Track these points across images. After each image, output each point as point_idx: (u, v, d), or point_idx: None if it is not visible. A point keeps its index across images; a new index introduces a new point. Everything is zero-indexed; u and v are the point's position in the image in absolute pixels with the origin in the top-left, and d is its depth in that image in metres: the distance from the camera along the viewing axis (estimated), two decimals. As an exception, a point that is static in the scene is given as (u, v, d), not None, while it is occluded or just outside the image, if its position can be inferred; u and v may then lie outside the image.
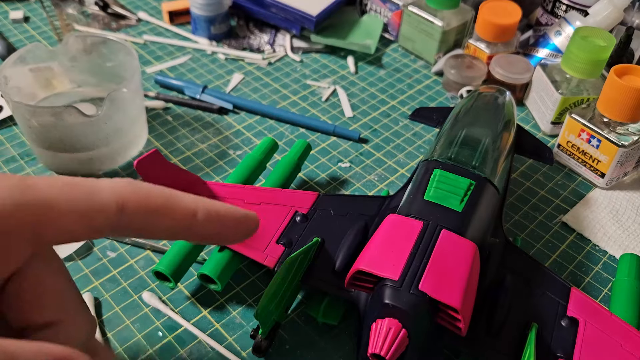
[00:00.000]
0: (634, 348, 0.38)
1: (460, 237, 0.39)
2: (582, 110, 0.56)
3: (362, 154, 0.60)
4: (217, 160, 0.58)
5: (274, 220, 0.45)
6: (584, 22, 0.64)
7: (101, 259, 0.48)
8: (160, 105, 0.63)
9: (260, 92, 0.67)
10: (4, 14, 0.76)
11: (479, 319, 0.39)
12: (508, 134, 0.50)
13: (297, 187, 0.56)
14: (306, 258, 0.42)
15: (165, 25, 0.76)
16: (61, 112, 0.50)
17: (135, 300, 0.45)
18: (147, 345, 0.43)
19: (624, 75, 0.53)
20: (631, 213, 0.55)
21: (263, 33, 0.75)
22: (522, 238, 0.52)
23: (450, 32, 0.70)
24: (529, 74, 0.65)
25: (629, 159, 0.55)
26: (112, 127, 0.53)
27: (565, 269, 0.50)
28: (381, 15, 0.76)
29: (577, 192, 0.57)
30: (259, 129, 0.62)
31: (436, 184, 0.43)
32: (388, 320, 0.35)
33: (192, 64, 0.70)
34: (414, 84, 0.69)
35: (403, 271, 0.37)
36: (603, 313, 0.40)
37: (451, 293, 0.36)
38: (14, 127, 0.60)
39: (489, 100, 0.53)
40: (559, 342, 0.39)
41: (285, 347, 0.43)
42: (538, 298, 0.41)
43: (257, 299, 0.46)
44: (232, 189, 0.47)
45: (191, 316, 0.45)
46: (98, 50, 0.58)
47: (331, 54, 0.73)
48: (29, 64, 0.56)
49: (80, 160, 0.54)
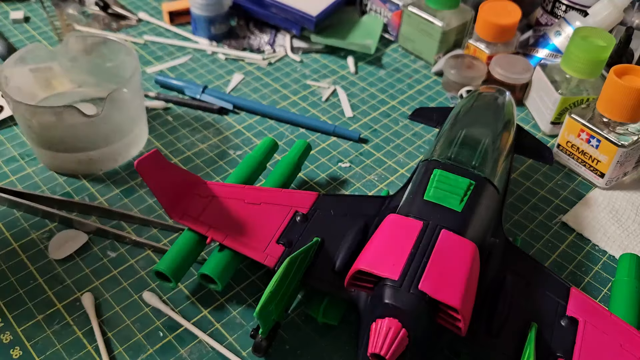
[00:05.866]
0: (634, 348, 0.38)
1: (460, 237, 0.39)
2: (581, 110, 0.56)
3: (362, 154, 0.60)
4: (217, 160, 0.58)
5: (274, 220, 0.45)
6: (584, 22, 0.64)
7: (101, 259, 0.48)
8: (160, 105, 0.64)
9: (260, 92, 0.67)
10: (5, 14, 0.76)
11: (479, 319, 0.39)
12: (508, 134, 0.50)
13: (297, 187, 0.56)
14: (306, 258, 0.42)
15: (165, 26, 0.76)
16: (61, 112, 0.50)
17: (136, 300, 0.45)
18: (147, 345, 0.43)
19: (624, 75, 0.53)
20: (631, 213, 0.55)
21: (263, 33, 0.75)
22: (522, 238, 0.52)
23: (450, 32, 0.70)
24: (529, 74, 0.65)
25: (628, 159, 0.55)
26: (112, 127, 0.53)
27: (565, 269, 0.50)
28: (381, 15, 0.76)
29: (577, 192, 0.57)
30: (259, 129, 0.62)
31: (436, 184, 0.43)
32: (388, 320, 0.35)
33: (192, 64, 0.70)
34: (414, 84, 0.70)
35: (403, 271, 0.37)
36: (603, 313, 0.40)
37: (451, 293, 0.36)
38: (14, 127, 0.60)
39: (488, 100, 0.53)
40: (558, 342, 0.39)
41: (285, 347, 0.43)
42: (538, 298, 0.41)
43: (257, 299, 0.46)
44: (232, 189, 0.47)
45: (191, 316, 0.45)
46: (98, 51, 0.58)
47: (331, 54, 0.73)
48: (29, 64, 0.56)
49: (80, 160, 0.54)
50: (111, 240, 0.50)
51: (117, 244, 0.50)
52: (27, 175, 0.55)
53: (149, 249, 0.49)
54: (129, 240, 0.49)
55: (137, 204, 0.53)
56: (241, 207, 0.46)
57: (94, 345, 0.42)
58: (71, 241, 0.49)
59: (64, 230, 0.50)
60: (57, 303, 0.45)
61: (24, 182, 0.54)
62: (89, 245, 0.49)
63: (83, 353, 0.42)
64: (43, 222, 0.51)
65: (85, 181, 0.55)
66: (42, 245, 0.49)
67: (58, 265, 0.48)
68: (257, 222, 0.45)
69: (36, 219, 0.51)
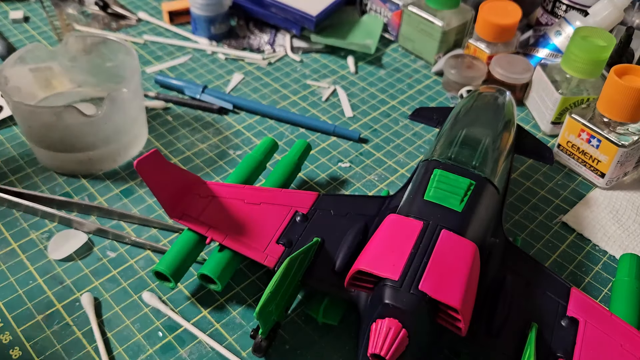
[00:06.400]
0: (634, 348, 0.38)
1: (461, 237, 0.39)
2: (582, 110, 0.56)
3: (362, 154, 0.60)
4: (217, 160, 0.58)
5: (274, 220, 0.45)
6: (584, 22, 0.64)
7: (101, 259, 0.48)
8: (160, 105, 0.63)
9: (260, 92, 0.67)
10: (4, 14, 0.76)
11: (479, 319, 0.39)
12: (508, 134, 0.50)
13: (297, 187, 0.55)
14: (306, 258, 0.42)
15: (165, 25, 0.76)
16: (61, 112, 0.50)
17: (135, 300, 0.45)
18: (147, 345, 0.43)
19: (624, 75, 0.53)
20: (631, 213, 0.55)
21: (263, 33, 0.75)
22: (522, 238, 0.52)
23: (450, 32, 0.70)
24: (529, 74, 0.64)
25: (629, 159, 0.55)
26: (112, 127, 0.53)
27: (565, 269, 0.50)
28: (381, 15, 0.76)
29: (577, 192, 0.57)
30: (259, 129, 0.62)
31: (436, 184, 0.43)
32: (388, 320, 0.35)
33: (192, 64, 0.70)
34: (414, 84, 0.69)
35: (403, 271, 0.37)
36: (603, 313, 0.40)
37: (451, 293, 0.36)
38: (14, 127, 0.60)
39: (489, 100, 0.53)
40: (559, 342, 0.39)
41: (285, 347, 0.43)
42: (538, 298, 0.41)
43: (257, 299, 0.46)
44: (232, 189, 0.47)
45: (191, 316, 0.45)
46: (98, 50, 0.58)
47: (331, 54, 0.73)
48: (29, 64, 0.56)
49: (80, 160, 0.54)
50: (111, 241, 0.50)
51: (116, 244, 0.50)
52: (27, 175, 0.55)
53: (149, 249, 0.49)
54: (129, 240, 0.49)
55: (137, 204, 0.53)
56: (241, 207, 0.46)
57: (94, 346, 0.42)
58: (71, 241, 0.49)
59: (63, 230, 0.50)
60: (57, 303, 0.45)
61: (23, 182, 0.54)
62: (89, 245, 0.49)
63: (82, 353, 0.42)
64: (43, 222, 0.51)
65: (84, 181, 0.55)
66: (41, 245, 0.49)
67: (57, 266, 0.47)
68: (257, 222, 0.45)
69: (36, 219, 0.51)
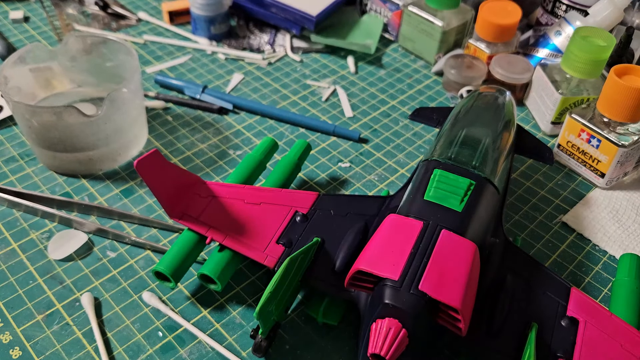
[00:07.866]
0: (634, 348, 0.38)
1: (460, 237, 0.39)
2: (582, 110, 0.56)
3: (362, 154, 0.60)
4: (217, 160, 0.58)
5: (274, 220, 0.45)
6: (584, 22, 0.64)
7: (101, 259, 0.48)
8: (160, 105, 0.63)
9: (260, 92, 0.67)
10: (4, 14, 0.76)
11: (479, 319, 0.39)
12: (508, 134, 0.50)
13: (297, 187, 0.55)
14: (306, 258, 0.42)
15: (165, 25, 0.76)
16: (61, 112, 0.50)
17: (135, 300, 0.45)
18: (147, 345, 0.43)
19: (624, 75, 0.53)
20: (631, 213, 0.55)
21: (263, 33, 0.75)
22: (522, 238, 0.52)
23: (450, 32, 0.70)
24: (529, 74, 0.64)
25: (628, 159, 0.55)
26: (112, 127, 0.53)
27: (565, 269, 0.50)
28: (381, 15, 0.76)
29: (577, 192, 0.57)
30: (259, 129, 0.62)
31: (436, 184, 0.43)
32: (388, 320, 0.35)
33: (192, 64, 0.70)
34: (414, 84, 0.69)
35: (403, 271, 0.37)
36: (603, 313, 0.40)
37: (451, 293, 0.36)
38: (14, 127, 0.60)
39: (489, 100, 0.53)
40: (559, 342, 0.39)
41: (285, 347, 0.43)
42: (538, 298, 0.41)
43: (257, 299, 0.46)
44: (232, 189, 0.47)
45: (191, 316, 0.45)
46: (98, 50, 0.58)
47: (331, 54, 0.73)
48: (29, 64, 0.56)
49: (80, 160, 0.54)
50: (111, 241, 0.50)
51: (116, 244, 0.50)
52: (27, 175, 0.55)
53: (149, 249, 0.49)
54: (129, 240, 0.49)
55: (137, 204, 0.53)
56: (241, 207, 0.46)
57: (94, 346, 0.42)
58: (71, 241, 0.49)
59: (63, 230, 0.50)
60: (57, 303, 0.45)
61: (23, 182, 0.54)
62: (89, 245, 0.49)
63: (83, 353, 0.42)
64: (43, 222, 0.51)
65: (84, 181, 0.55)
66: (41, 245, 0.49)
67: (58, 265, 0.47)
68: (257, 222, 0.45)
69: (36, 219, 0.51)
